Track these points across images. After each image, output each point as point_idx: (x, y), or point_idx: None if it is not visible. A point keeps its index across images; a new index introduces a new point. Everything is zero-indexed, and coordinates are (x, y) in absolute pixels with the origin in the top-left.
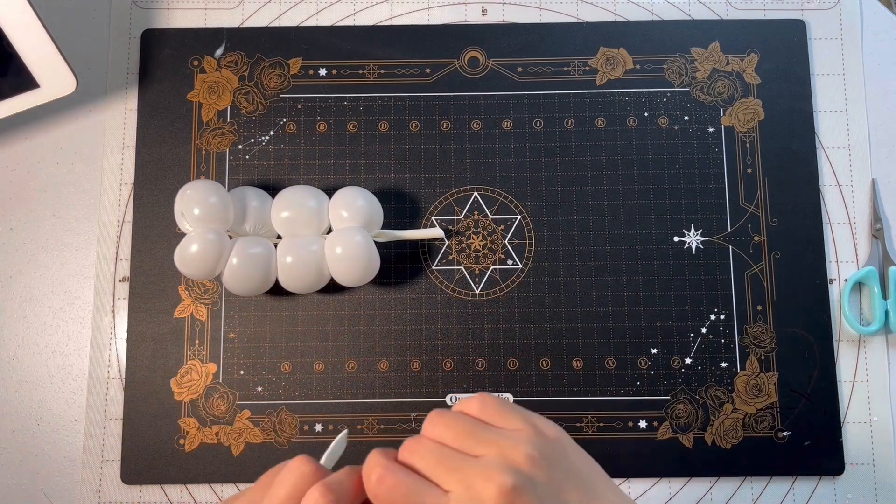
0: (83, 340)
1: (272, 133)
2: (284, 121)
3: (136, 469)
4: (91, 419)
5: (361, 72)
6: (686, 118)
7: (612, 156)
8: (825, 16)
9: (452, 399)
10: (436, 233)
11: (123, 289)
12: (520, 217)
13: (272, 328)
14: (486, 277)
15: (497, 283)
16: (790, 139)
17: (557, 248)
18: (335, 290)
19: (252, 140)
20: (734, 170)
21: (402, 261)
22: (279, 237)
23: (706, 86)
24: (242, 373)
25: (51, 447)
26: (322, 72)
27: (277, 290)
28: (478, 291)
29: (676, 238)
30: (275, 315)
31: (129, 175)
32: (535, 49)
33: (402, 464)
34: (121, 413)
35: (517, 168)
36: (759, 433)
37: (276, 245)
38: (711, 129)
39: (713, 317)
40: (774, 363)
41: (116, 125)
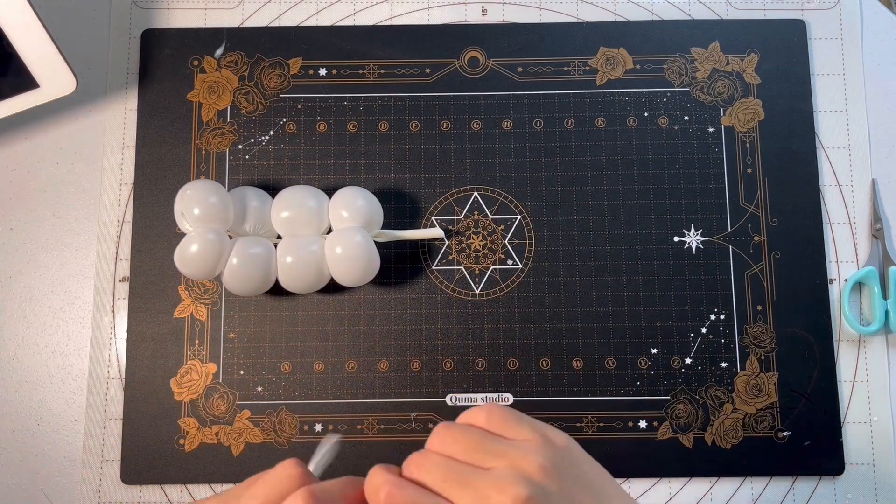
0: (83, 340)
1: (272, 133)
2: (284, 121)
3: (136, 469)
4: (91, 419)
5: (361, 72)
6: (686, 118)
7: (612, 156)
8: (825, 16)
9: (452, 399)
10: (436, 233)
11: (123, 289)
12: (520, 217)
13: (272, 328)
14: (486, 277)
15: (497, 283)
16: (790, 139)
17: (557, 248)
18: (335, 290)
19: (252, 140)
20: (734, 170)
21: (402, 261)
22: (279, 237)
23: (706, 86)
24: (242, 373)
25: (51, 447)
26: (322, 72)
27: (277, 290)
28: (478, 291)
29: (676, 238)
30: (275, 315)
31: (129, 175)
32: (535, 49)
33: (409, 479)
34: (121, 413)
35: (517, 168)
36: (759, 433)
37: (276, 245)
38: (711, 129)
39: (713, 317)
40: (774, 363)
41: (116, 125)
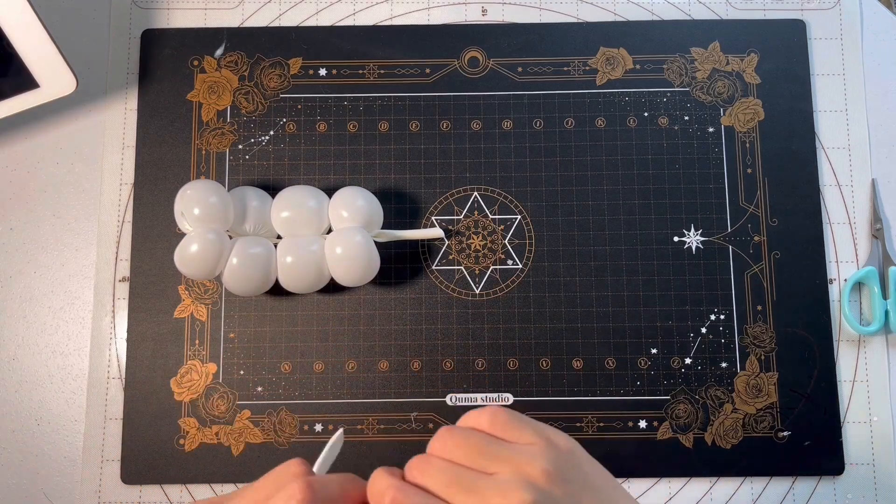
0: (83, 340)
1: (272, 133)
2: (284, 121)
3: (136, 469)
4: (91, 419)
5: (361, 72)
6: (686, 118)
7: (612, 156)
8: (825, 16)
9: (452, 399)
10: (436, 233)
11: (123, 289)
12: (520, 217)
13: (272, 328)
14: (486, 277)
15: (497, 283)
16: (790, 139)
17: (557, 248)
18: (335, 290)
19: (252, 140)
20: (734, 170)
21: (402, 261)
22: (279, 237)
23: (706, 86)
24: (242, 373)
25: (51, 447)
26: (322, 72)
27: (277, 290)
28: (478, 291)
29: (676, 238)
30: (275, 315)
31: (129, 175)
32: (535, 49)
33: (412, 484)
34: (121, 413)
35: (517, 168)
36: (759, 433)
37: (276, 245)
38: (711, 129)
39: (713, 317)
40: (774, 363)
41: (116, 125)
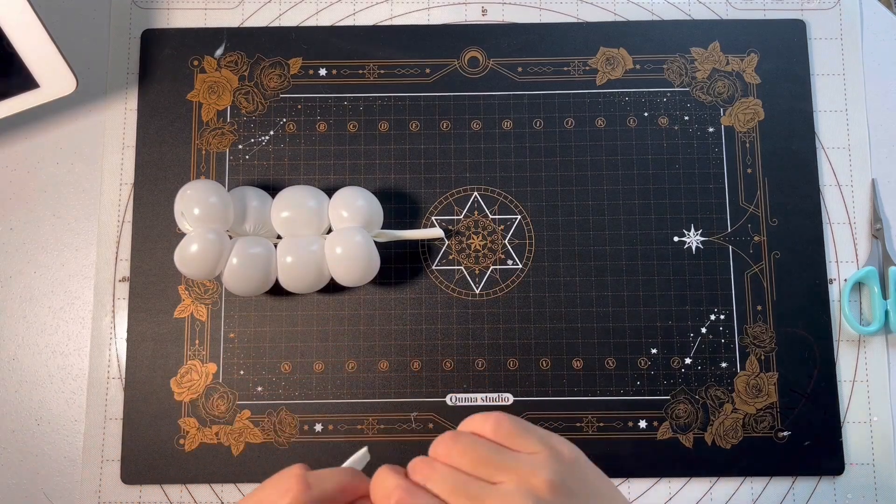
0: (83, 340)
1: (272, 133)
2: (284, 121)
3: (136, 469)
4: (91, 419)
5: (361, 72)
6: (686, 118)
7: (612, 156)
8: (825, 16)
9: (452, 399)
10: (436, 233)
11: (123, 289)
12: (520, 217)
13: (272, 328)
14: (486, 277)
15: (497, 283)
16: (790, 139)
17: (557, 248)
18: (335, 290)
19: (252, 140)
20: (734, 170)
21: (402, 261)
22: (279, 237)
23: (706, 86)
24: (242, 373)
25: (51, 447)
26: (322, 72)
27: (277, 290)
28: (478, 291)
29: (676, 238)
30: (275, 315)
31: (129, 175)
32: (535, 49)
33: (417, 486)
34: (121, 413)
35: (517, 168)
36: (759, 433)
37: (276, 245)
38: (711, 129)
39: (713, 317)
40: (774, 363)
41: (116, 125)
